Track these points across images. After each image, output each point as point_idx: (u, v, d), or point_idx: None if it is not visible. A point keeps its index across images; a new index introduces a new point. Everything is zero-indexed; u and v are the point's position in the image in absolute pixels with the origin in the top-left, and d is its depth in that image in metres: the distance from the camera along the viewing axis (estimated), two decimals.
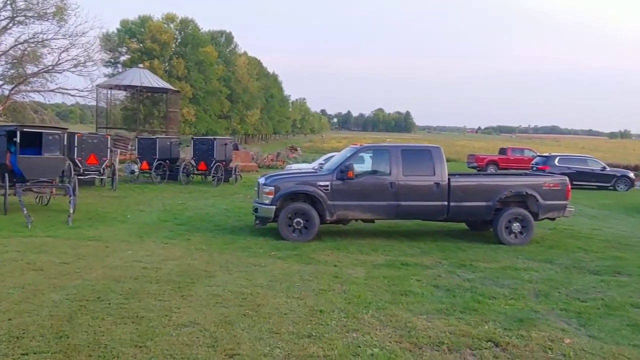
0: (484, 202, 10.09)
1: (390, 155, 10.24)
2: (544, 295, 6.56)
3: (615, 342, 4.97)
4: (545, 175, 11.89)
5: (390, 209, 10.06)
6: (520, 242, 9.95)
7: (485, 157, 34.45)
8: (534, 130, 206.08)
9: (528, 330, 5.16)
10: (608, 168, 25.41)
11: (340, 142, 65.32)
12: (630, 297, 6.56)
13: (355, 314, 5.55)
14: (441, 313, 5.68)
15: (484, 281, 7.16)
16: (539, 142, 77.21)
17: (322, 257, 8.47)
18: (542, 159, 25.83)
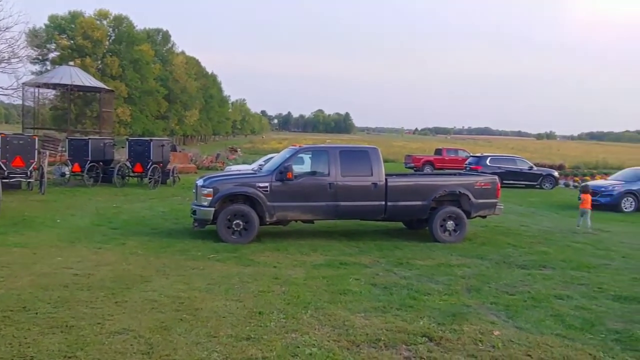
0: (419, 202, 10.38)
1: (329, 156, 10.35)
2: (476, 290, 6.84)
3: (539, 332, 5.27)
4: (477, 175, 12.39)
5: (329, 209, 10.17)
6: (454, 240, 10.32)
7: (422, 157, 35.44)
8: (468, 132, 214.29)
9: (460, 324, 5.37)
10: (535, 167, 26.78)
11: (280, 143, 65.23)
12: (553, 289, 6.96)
13: (294, 314, 5.58)
14: (378, 311, 5.80)
15: (419, 278, 7.37)
16: (472, 143, 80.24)
17: (262, 258, 8.45)
18: (474, 159, 26.89)
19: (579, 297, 6.63)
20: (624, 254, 9.86)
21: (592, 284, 7.34)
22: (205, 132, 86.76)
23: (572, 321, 5.65)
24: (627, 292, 6.93)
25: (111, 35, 53.68)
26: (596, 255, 9.56)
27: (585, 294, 6.80)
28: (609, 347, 4.94)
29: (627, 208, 17.50)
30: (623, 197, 17.60)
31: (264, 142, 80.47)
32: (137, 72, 52.90)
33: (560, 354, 4.71)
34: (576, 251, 9.90)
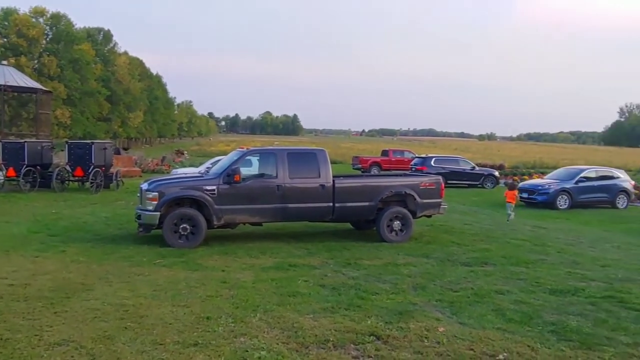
0: (367, 202, 10.53)
1: (277, 158, 10.34)
2: (421, 288, 7.01)
3: (482, 327, 5.46)
4: (422, 176, 12.70)
5: (277, 211, 10.15)
6: (401, 239, 10.53)
7: (369, 158, 35.93)
8: (414, 133, 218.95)
9: (407, 322, 5.49)
10: (477, 168, 27.73)
11: (228, 145, 64.42)
12: (494, 285, 7.23)
13: (243, 318, 5.54)
14: (327, 311, 5.85)
15: (367, 278, 7.48)
16: (417, 144, 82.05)
17: (210, 262, 8.33)
18: (420, 160, 27.55)
19: (518, 292, 6.92)
20: (559, 249, 10.37)
21: (530, 278, 7.68)
22: (150, 134, 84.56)
23: (511, 315, 5.89)
24: (561, 285, 7.29)
25: (48, 34, 51.45)
26: (534, 251, 10.00)
27: (523, 289, 7.09)
28: (545, 338, 5.19)
29: (562, 205, 18.42)
30: (558, 195, 18.51)
31: (212, 144, 79.28)
32: (76, 73, 50.92)
33: (501, 346, 4.91)
34: (515, 247, 10.32)
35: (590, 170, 19.82)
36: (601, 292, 6.98)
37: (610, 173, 20.12)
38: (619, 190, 19.27)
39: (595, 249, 10.77)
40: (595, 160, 42.02)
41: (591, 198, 18.92)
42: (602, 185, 19.15)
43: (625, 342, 5.15)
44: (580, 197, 18.70)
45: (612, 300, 6.67)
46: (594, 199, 18.98)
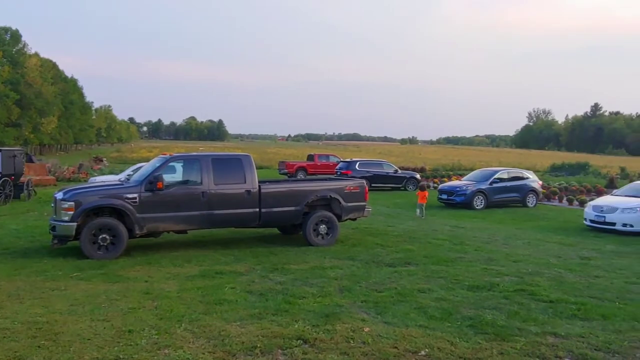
0: (293, 207, 10.59)
1: (201, 164, 10.16)
2: (348, 290, 7.15)
3: (405, 325, 5.65)
4: (347, 179, 12.95)
5: (203, 218, 9.97)
6: (327, 243, 10.67)
7: (295, 163, 36.08)
8: (339, 138, 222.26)
9: (333, 324, 5.57)
10: (399, 171, 28.61)
11: (151, 151, 62.32)
12: (417, 284, 7.49)
13: (167, 329, 5.39)
14: (254, 318, 5.82)
15: (294, 282, 7.51)
16: (342, 149, 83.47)
17: (132, 273, 8.04)
18: (345, 164, 28.03)
19: (439, 289, 7.22)
20: (476, 247, 10.93)
21: (449, 276, 8.03)
22: (65, 140, 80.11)
23: (433, 312, 6.14)
24: (478, 281, 7.69)
25: None
26: (453, 250, 10.47)
27: (444, 286, 7.41)
28: (464, 333, 5.45)
29: (478, 205, 19.41)
30: (475, 195, 19.49)
31: (133, 150, 76.25)
32: None
33: (423, 343, 5.10)
34: (436, 247, 10.76)
35: (503, 172, 21.02)
36: (514, 286, 7.43)
37: (521, 174, 21.44)
38: (529, 190, 20.58)
39: (508, 245, 11.45)
40: (507, 162, 44.63)
41: (504, 198, 20.07)
42: (513, 185, 20.37)
43: (535, 331, 5.52)
44: (495, 197, 19.80)
45: (524, 293, 7.11)
46: (507, 199, 20.16)
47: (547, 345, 5.12)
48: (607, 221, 14.24)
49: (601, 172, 37.80)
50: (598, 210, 14.66)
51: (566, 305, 6.57)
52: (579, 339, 5.32)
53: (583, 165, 41.11)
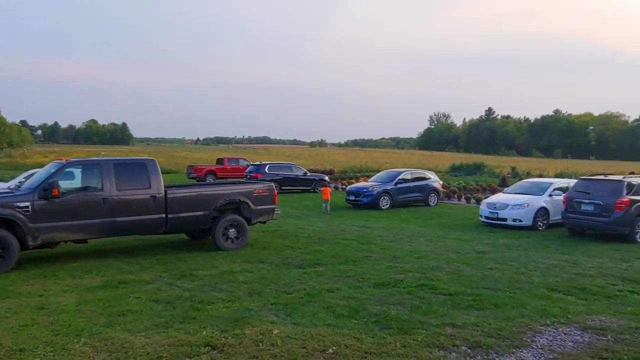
0: (201, 212, 10.39)
1: (102, 169, 9.67)
2: (257, 293, 7.14)
3: (314, 325, 5.76)
4: (255, 183, 12.90)
5: (104, 226, 9.49)
6: (237, 247, 10.58)
7: (204, 167, 35.35)
8: (248, 141, 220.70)
9: (242, 329, 5.55)
10: (309, 173, 28.96)
11: (46, 156, 57.93)
12: (326, 284, 7.65)
13: (64, 345, 5.09)
14: (160, 327, 5.65)
15: (203, 288, 7.38)
16: (252, 152, 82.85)
17: (25, 288, 7.49)
18: (254, 168, 27.91)
19: (347, 288, 7.42)
20: (382, 246, 11.34)
21: (357, 275, 8.28)
22: None
23: (340, 310, 6.30)
24: (384, 278, 8.00)
25: None
26: (360, 249, 10.80)
27: (351, 285, 7.63)
28: (369, 329, 5.65)
29: (384, 205, 20.14)
30: (380, 196, 20.19)
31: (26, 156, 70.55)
32: None
33: (331, 341, 5.23)
34: (344, 247, 11.03)
35: (407, 173, 21.95)
36: (416, 282, 7.81)
37: (423, 175, 22.52)
38: (431, 189, 21.67)
39: (412, 243, 11.99)
40: (411, 163, 46.58)
41: (408, 198, 20.98)
42: (416, 185, 21.35)
43: (435, 323, 5.85)
44: (399, 197, 20.63)
45: (425, 287, 7.50)
46: (411, 198, 21.08)
47: (446, 336, 5.44)
48: (500, 217, 15.35)
49: (495, 171, 40.60)
50: (492, 207, 15.76)
51: (463, 297, 7.01)
52: (474, 328, 5.71)
53: (479, 166, 43.92)
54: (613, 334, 5.69)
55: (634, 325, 5.99)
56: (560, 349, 5.22)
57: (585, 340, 5.50)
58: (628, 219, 12.75)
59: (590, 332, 5.74)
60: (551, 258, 10.30)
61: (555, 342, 5.43)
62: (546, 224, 15.12)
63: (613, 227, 12.91)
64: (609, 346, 5.33)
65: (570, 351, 5.19)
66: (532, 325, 5.87)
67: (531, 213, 14.96)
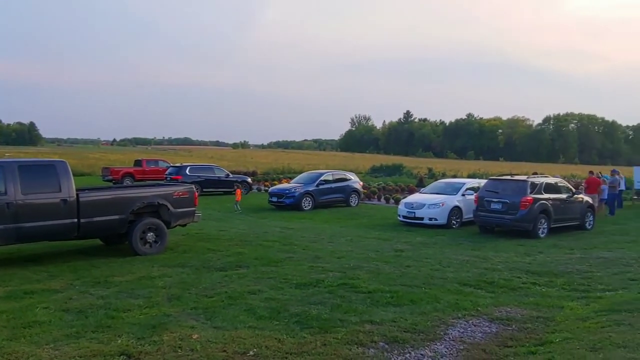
0: (116, 216, 9.97)
1: (5, 172, 9.02)
2: (177, 298, 6.97)
3: (234, 328, 5.71)
4: (175, 185, 12.57)
5: (8, 233, 8.86)
6: (156, 251, 10.27)
7: (121, 169, 33.90)
8: (169, 142, 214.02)
9: (160, 335, 5.40)
10: (231, 175, 28.62)
11: None
12: (247, 286, 7.60)
13: None
14: (71, 338, 5.37)
15: (118, 295, 7.10)
16: (173, 153, 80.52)
17: None
18: (175, 169, 27.21)
19: (269, 290, 7.42)
20: (304, 246, 11.44)
21: (279, 276, 8.30)
22: None
23: (262, 312, 6.29)
24: (305, 279, 8.07)
25: None
26: (283, 250, 10.83)
27: (273, 286, 7.64)
28: (291, 329, 5.69)
29: (306, 206, 20.32)
30: (303, 197, 20.36)
31: None
32: None
33: (252, 343, 5.21)
34: (267, 249, 11.02)
35: (328, 174, 22.28)
36: (337, 281, 7.95)
37: (344, 176, 22.96)
38: (352, 190, 22.14)
39: (333, 243, 12.19)
40: (333, 165, 47.28)
41: (330, 198, 21.31)
42: (338, 186, 21.73)
43: (355, 321, 5.99)
44: (321, 198, 20.91)
45: (346, 286, 7.66)
46: (332, 199, 21.43)
47: (365, 332, 5.60)
48: (417, 216, 15.98)
49: (413, 172, 42.17)
50: (409, 207, 16.37)
51: (382, 294, 7.23)
52: (391, 324, 5.91)
53: (398, 167, 45.45)
54: (517, 324, 6.10)
55: (535, 315, 6.46)
56: (470, 340, 5.53)
57: (493, 331, 5.86)
58: (532, 216, 13.71)
59: (497, 323, 6.12)
60: (463, 254, 10.86)
61: (466, 333, 5.74)
62: (459, 222, 15.92)
63: (518, 223, 13.84)
64: (513, 335, 5.71)
65: (479, 341, 5.50)
66: (445, 319, 6.17)
67: (446, 212, 15.69)
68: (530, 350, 5.16)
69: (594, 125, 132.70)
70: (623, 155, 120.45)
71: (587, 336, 5.38)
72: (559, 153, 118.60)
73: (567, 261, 10.20)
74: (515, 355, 5.08)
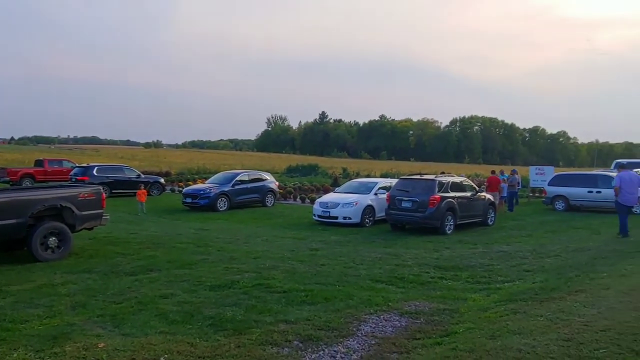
0: (13, 220, 9.27)
1: None
2: (82, 305, 6.61)
3: (144, 334, 5.50)
4: (80, 186, 11.90)
5: None
6: (58, 257, 9.67)
7: (19, 170, 31.55)
8: (74, 141, 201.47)
9: (62, 346, 5.09)
10: (143, 175, 27.54)
11: None
12: (159, 290, 7.36)
13: None
14: None
15: (15, 306, 6.60)
16: (79, 153, 76.04)
17: None
18: (81, 170, 25.76)
19: (182, 293, 7.23)
20: (219, 247, 11.27)
21: (192, 278, 8.11)
22: None
23: (174, 316, 6.12)
24: (220, 280, 7.96)
25: None
26: (197, 252, 10.60)
27: (186, 289, 7.45)
28: (204, 333, 5.59)
29: (222, 207, 20.03)
30: (218, 198, 20.05)
31: None
32: None
33: (163, 349, 5.05)
34: (181, 251, 10.73)
35: (244, 174, 22.11)
36: (252, 282, 7.91)
37: (260, 176, 22.88)
38: (267, 190, 22.11)
39: (249, 244, 12.11)
40: (250, 165, 46.90)
41: (246, 199, 21.15)
42: (254, 187, 21.62)
43: (269, 321, 5.99)
44: (237, 198, 20.70)
45: (261, 287, 7.64)
46: (248, 200, 21.28)
47: (279, 332, 5.61)
48: (332, 215, 16.26)
49: (328, 172, 42.78)
50: (324, 207, 16.62)
51: (297, 293, 7.29)
52: (306, 322, 5.97)
53: (314, 167, 45.96)
54: (425, 317, 6.39)
55: (441, 307, 6.80)
56: (381, 335, 5.72)
57: (402, 324, 6.09)
58: (439, 214, 14.41)
59: (407, 317, 6.38)
60: (376, 252, 11.20)
61: (378, 328, 5.93)
62: (372, 221, 16.40)
63: (427, 221, 14.49)
64: (421, 327, 5.98)
65: (390, 335, 5.71)
66: (358, 315, 6.34)
67: (359, 211, 16.10)
68: (437, 341, 5.42)
69: (495, 127, 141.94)
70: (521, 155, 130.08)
71: (488, 325, 5.74)
72: (464, 153, 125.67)
73: (471, 255, 10.83)
74: (422, 346, 5.32)
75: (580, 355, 4.47)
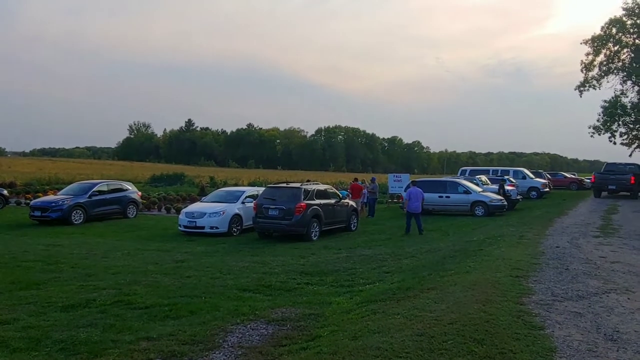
0: None
1: None
2: None
3: None
4: None
5: None
6: None
7: None
8: None
9: None
10: None
11: None
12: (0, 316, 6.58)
13: None
14: None
15: None
16: None
17: None
18: None
19: (27, 317, 6.56)
20: (73, 264, 10.41)
21: (40, 300, 7.40)
22: None
23: (17, 344, 5.52)
24: (73, 300, 7.36)
25: None
26: (46, 271, 9.68)
27: (33, 312, 6.78)
28: (54, 358, 5.12)
29: (77, 220, 18.52)
30: (72, 210, 18.49)
31: None
32: None
33: None
34: (26, 270, 9.72)
35: (103, 184, 20.69)
36: (111, 299, 7.43)
37: (121, 186, 21.55)
38: (129, 201, 20.90)
39: (108, 258, 11.35)
40: (110, 175, 44.00)
41: (105, 210, 19.78)
42: (114, 197, 20.29)
43: (129, 340, 5.66)
44: (95, 210, 19.27)
45: (121, 304, 7.20)
46: (108, 211, 19.93)
47: (140, 351, 5.33)
48: (198, 225, 15.86)
49: (195, 181, 41.62)
50: (190, 216, 16.15)
51: (160, 308, 6.99)
52: (169, 338, 5.75)
53: (180, 176, 44.42)
54: (292, 323, 6.49)
55: (307, 312, 6.96)
56: (248, 344, 5.69)
57: (269, 332, 6.13)
58: (305, 221, 14.76)
59: (273, 324, 6.42)
60: (244, 261, 11.15)
61: (244, 338, 5.89)
62: (240, 229, 16.30)
63: (294, 228, 14.76)
64: (288, 334, 6.06)
65: (257, 344, 5.70)
66: (225, 326, 6.25)
67: (226, 220, 15.91)
68: (302, 346, 5.53)
69: (358, 137, 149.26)
70: (381, 164, 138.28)
71: (350, 327, 6.00)
72: (329, 162, 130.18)
73: (335, 260, 11.25)
74: (289, 353, 5.39)
75: (431, 348, 4.85)
